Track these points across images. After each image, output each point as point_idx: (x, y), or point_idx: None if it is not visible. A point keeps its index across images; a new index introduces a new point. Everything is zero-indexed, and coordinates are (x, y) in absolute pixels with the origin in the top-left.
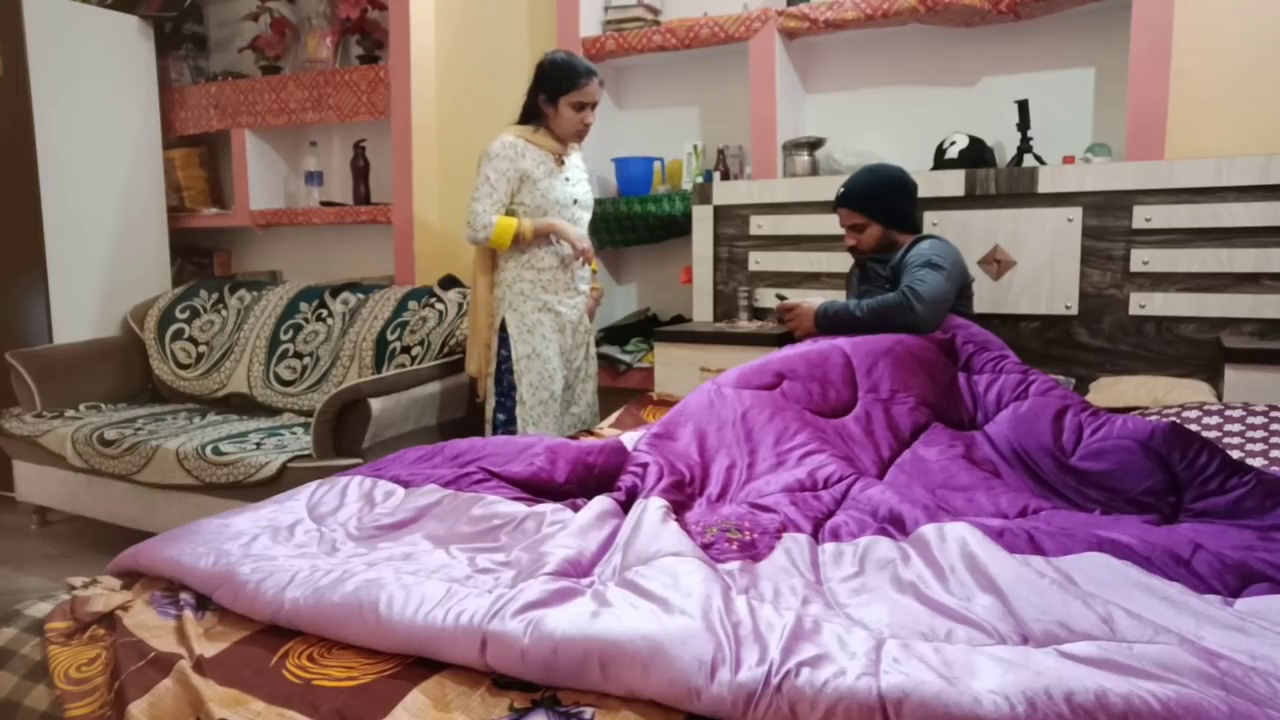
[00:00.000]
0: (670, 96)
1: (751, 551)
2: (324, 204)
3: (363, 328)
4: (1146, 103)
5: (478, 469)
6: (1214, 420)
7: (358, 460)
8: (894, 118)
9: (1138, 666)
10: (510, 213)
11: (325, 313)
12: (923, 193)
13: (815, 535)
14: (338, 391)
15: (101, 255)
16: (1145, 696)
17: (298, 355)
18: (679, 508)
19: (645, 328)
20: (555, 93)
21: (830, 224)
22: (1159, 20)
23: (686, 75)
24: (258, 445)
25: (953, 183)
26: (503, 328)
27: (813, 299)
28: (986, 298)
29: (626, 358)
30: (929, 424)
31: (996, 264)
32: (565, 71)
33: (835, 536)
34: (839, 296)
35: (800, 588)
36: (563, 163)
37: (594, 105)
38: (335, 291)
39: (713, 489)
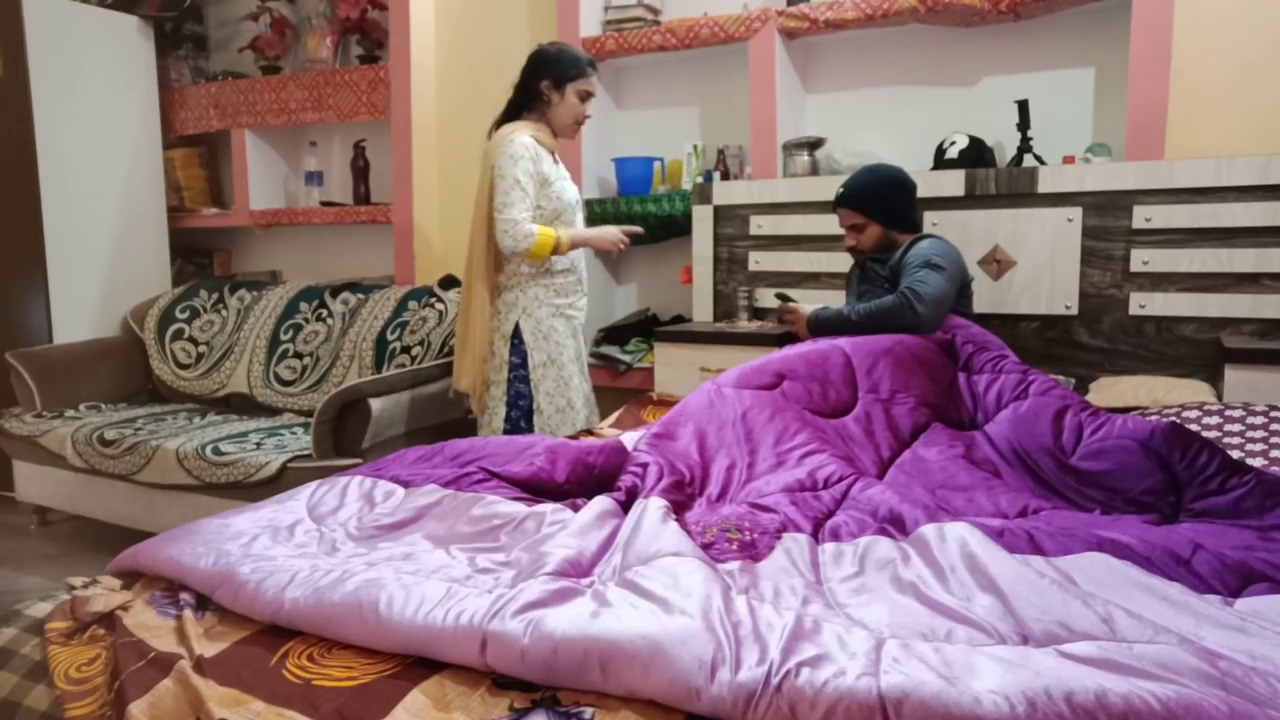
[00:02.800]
0: (670, 96)
1: (751, 551)
2: (324, 204)
3: (363, 328)
4: (1146, 103)
5: (478, 469)
6: (1214, 420)
7: (358, 460)
8: (894, 118)
9: (1138, 666)
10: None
11: (325, 313)
12: (923, 193)
13: (815, 535)
14: (338, 391)
15: (101, 255)
16: (1145, 696)
17: (298, 355)
18: (679, 508)
19: (645, 328)
20: (563, 79)
21: (830, 224)
22: (1159, 20)
23: (686, 75)
24: (258, 445)
25: (953, 183)
26: (516, 334)
27: (807, 306)
28: (986, 298)
29: (626, 358)
30: (929, 424)
31: (996, 264)
32: (573, 59)
33: (835, 536)
34: (839, 296)
35: (800, 588)
36: (557, 161)
37: (593, 97)
38: (335, 291)
39: (713, 489)
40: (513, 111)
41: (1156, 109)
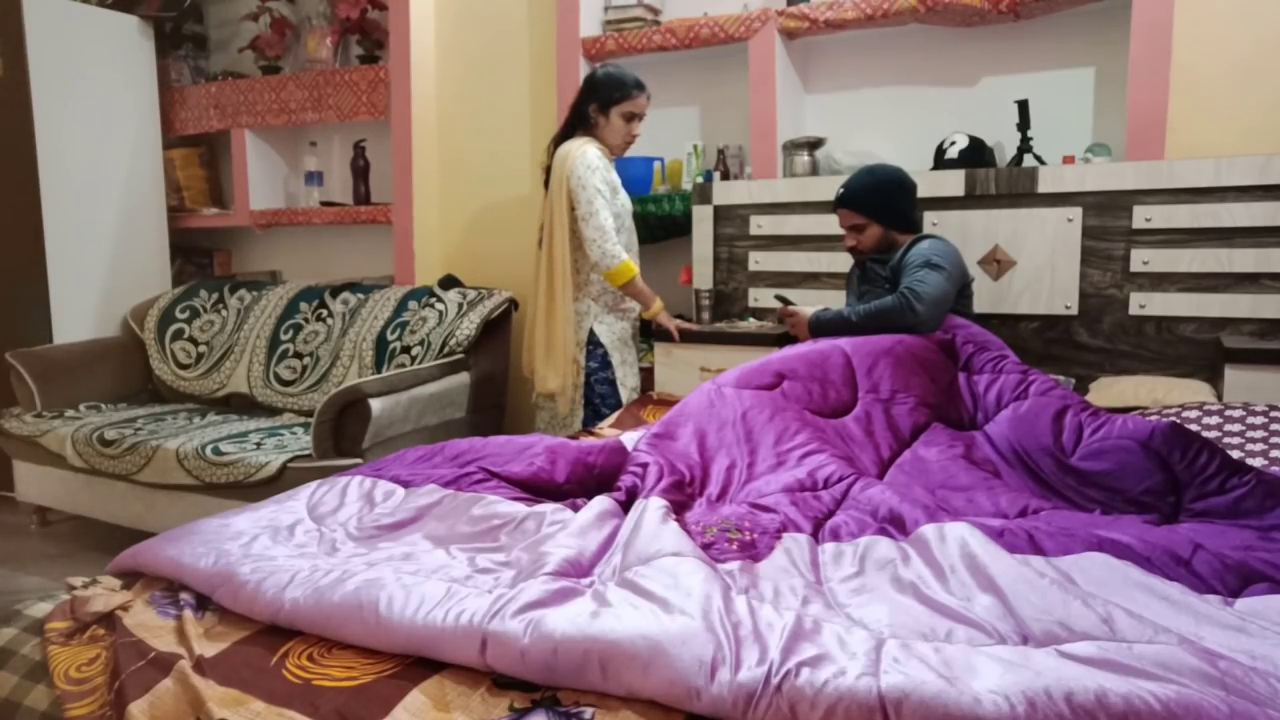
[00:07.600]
0: (670, 96)
1: (751, 551)
2: (324, 204)
3: (363, 328)
4: (1146, 102)
5: (478, 469)
6: (1214, 420)
7: (358, 460)
8: (894, 118)
9: (1138, 666)
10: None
11: (325, 313)
12: (923, 193)
13: (815, 535)
14: (338, 391)
15: (101, 255)
16: (1145, 696)
17: (298, 355)
18: (679, 508)
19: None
20: (607, 102)
21: (830, 224)
22: (1159, 20)
23: (686, 75)
24: (258, 445)
25: (953, 183)
26: (591, 340)
27: (807, 309)
28: (986, 298)
29: None
30: (929, 424)
31: (996, 264)
32: (618, 83)
33: (835, 536)
34: (839, 296)
35: (800, 588)
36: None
37: (641, 118)
38: (335, 291)
39: (713, 489)
40: (568, 130)
41: (1156, 109)
